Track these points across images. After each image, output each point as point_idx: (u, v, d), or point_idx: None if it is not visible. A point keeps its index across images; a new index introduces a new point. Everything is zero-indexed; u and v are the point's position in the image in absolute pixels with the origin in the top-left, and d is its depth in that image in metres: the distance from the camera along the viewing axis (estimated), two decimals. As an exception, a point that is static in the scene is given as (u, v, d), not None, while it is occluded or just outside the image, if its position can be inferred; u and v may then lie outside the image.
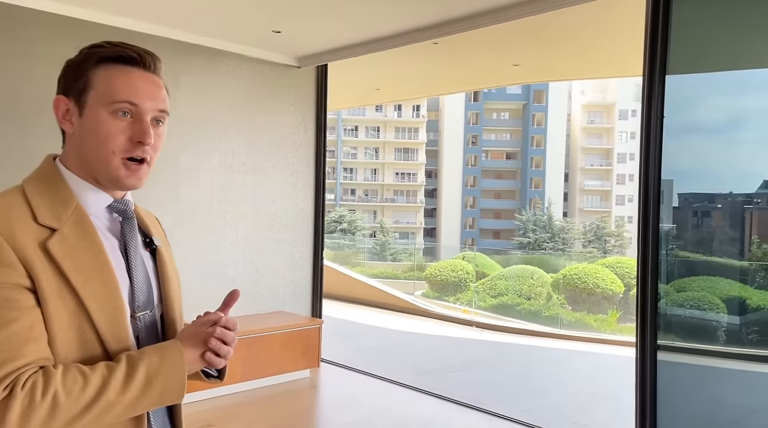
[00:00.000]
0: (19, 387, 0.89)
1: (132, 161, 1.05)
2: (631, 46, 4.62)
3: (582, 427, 4.20)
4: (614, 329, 11.93)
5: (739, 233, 3.94)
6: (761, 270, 3.83)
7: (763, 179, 3.83)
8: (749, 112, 3.68)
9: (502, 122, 54.15)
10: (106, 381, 0.94)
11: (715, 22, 3.55)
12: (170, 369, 0.99)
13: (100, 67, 1.05)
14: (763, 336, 3.81)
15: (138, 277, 1.08)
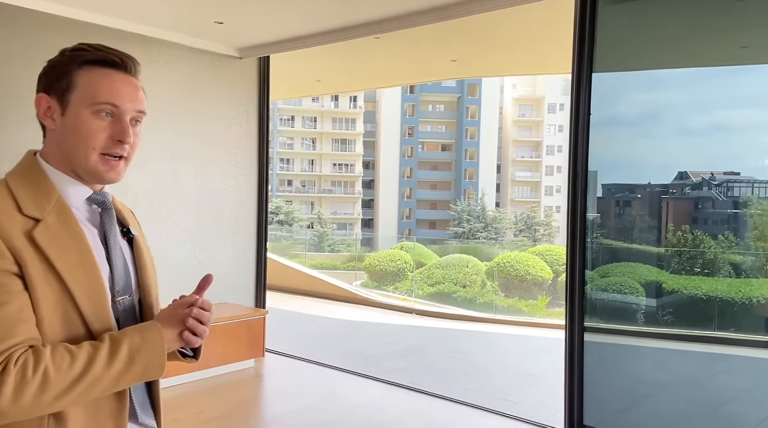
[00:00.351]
0: (12, 363, 0.96)
1: (111, 157, 1.13)
2: (560, 46, 4.91)
3: (516, 404, 4.48)
4: (544, 313, 12.54)
5: (656, 222, 4.20)
6: (676, 256, 4.11)
7: (678, 171, 4.08)
8: (666, 108, 3.95)
9: (437, 114, 55.02)
10: (91, 358, 1.01)
11: (636, 26, 3.84)
12: (151, 347, 1.07)
13: (83, 69, 1.12)
14: (676, 317, 4.14)
15: (117, 264, 1.16)
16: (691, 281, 4.04)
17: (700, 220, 4.24)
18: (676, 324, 4.13)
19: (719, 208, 4.10)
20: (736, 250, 3.94)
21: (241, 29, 4.91)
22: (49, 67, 1.15)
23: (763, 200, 3.86)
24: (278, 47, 5.34)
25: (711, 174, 4.06)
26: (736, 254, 3.95)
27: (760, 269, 3.90)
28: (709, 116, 3.89)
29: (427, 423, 4.03)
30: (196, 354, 1.26)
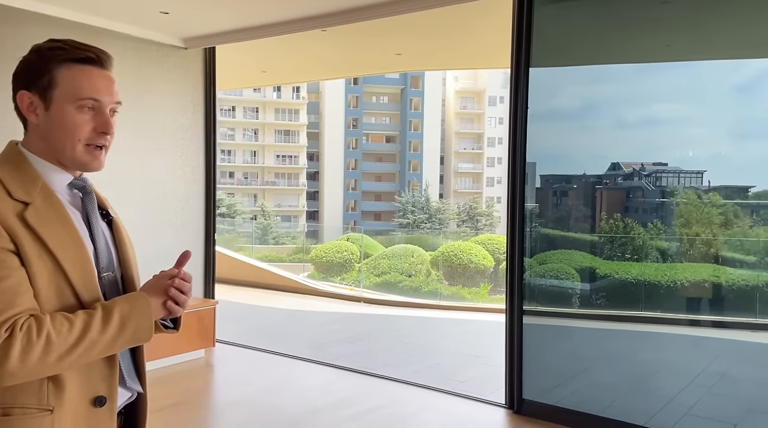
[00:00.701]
0: (17, 329, 1.06)
1: (95, 148, 1.23)
2: (500, 41, 5.13)
3: (461, 383, 4.72)
4: (486, 300, 12.97)
5: (591, 211, 4.37)
6: (608, 243, 4.27)
7: (611, 162, 4.25)
8: (599, 102, 4.18)
9: (381, 105, 55.17)
10: (87, 324, 1.11)
11: (571, 25, 4.08)
12: (140, 313, 1.18)
13: (62, 66, 1.20)
14: (608, 299, 4.31)
15: (100, 243, 1.26)
16: (622, 266, 4.23)
17: (631, 209, 4.39)
18: (608, 305, 4.35)
19: (648, 197, 4.25)
20: (663, 237, 4.14)
21: (187, 20, 4.89)
22: (27, 65, 1.22)
23: (688, 189, 4.03)
24: (224, 38, 5.34)
25: (641, 165, 4.20)
26: (663, 240, 4.15)
27: (684, 254, 4.08)
28: (639, 110, 4.08)
29: (377, 402, 4.20)
30: (176, 325, 1.37)
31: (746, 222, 3.88)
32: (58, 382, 1.14)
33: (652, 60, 3.99)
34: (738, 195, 3.88)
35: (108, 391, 1.21)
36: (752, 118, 3.67)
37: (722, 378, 3.75)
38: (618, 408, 3.75)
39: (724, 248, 3.93)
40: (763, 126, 3.59)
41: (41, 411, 1.13)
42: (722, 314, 3.94)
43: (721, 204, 3.88)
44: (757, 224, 3.84)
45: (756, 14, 3.45)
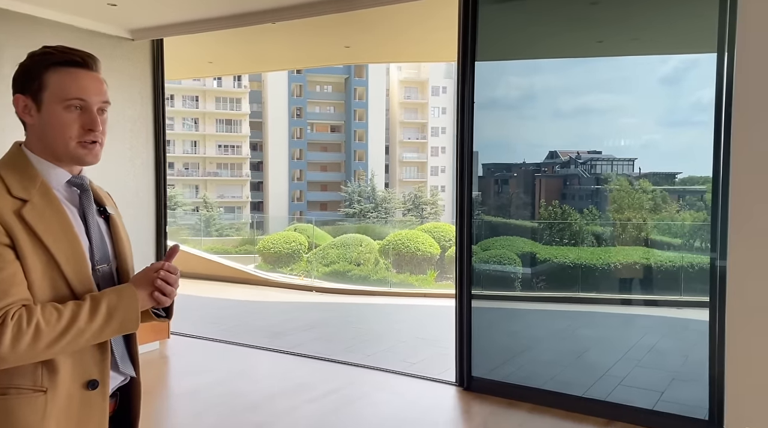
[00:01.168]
0: (9, 318, 1.14)
1: (87, 143, 1.32)
2: (447, 35, 5.31)
3: (413, 364, 4.94)
4: (433, 286, 13.31)
5: (530, 198, 4.54)
6: (547, 229, 4.46)
7: (549, 150, 4.44)
8: (537, 93, 4.35)
9: (325, 95, 54.81)
10: (75, 314, 1.20)
11: (512, 21, 4.29)
12: (127, 304, 1.26)
13: (50, 70, 1.29)
14: (548, 282, 4.56)
15: (95, 237, 1.35)
16: (560, 251, 4.43)
17: (568, 195, 4.54)
18: (548, 288, 4.58)
19: (584, 184, 4.39)
20: (597, 222, 4.34)
21: (135, 12, 4.85)
22: (21, 70, 1.32)
23: (621, 176, 4.21)
24: (173, 30, 5.31)
25: (577, 153, 4.35)
26: (597, 225, 4.36)
27: (617, 238, 4.27)
28: (574, 101, 4.27)
29: (334, 385, 4.36)
30: (168, 313, 1.47)
31: (673, 207, 4.12)
32: (52, 366, 1.22)
33: (586, 55, 4.25)
34: (666, 181, 4.10)
35: (100, 375, 1.29)
36: (678, 108, 3.91)
37: (650, 351, 4.05)
38: (558, 381, 4.04)
39: (653, 231, 4.20)
40: (687, 116, 3.84)
41: (35, 392, 1.21)
42: (651, 293, 4.20)
43: (650, 190, 4.09)
44: (683, 208, 4.10)
45: (677, 14, 3.76)
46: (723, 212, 3.34)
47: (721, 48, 3.28)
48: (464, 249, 4.23)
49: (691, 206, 4.07)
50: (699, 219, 4.02)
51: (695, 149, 3.83)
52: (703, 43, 3.60)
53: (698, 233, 4.04)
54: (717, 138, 3.30)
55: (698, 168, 3.87)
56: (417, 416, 3.86)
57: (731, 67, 3.21)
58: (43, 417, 1.22)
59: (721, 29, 3.28)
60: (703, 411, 3.48)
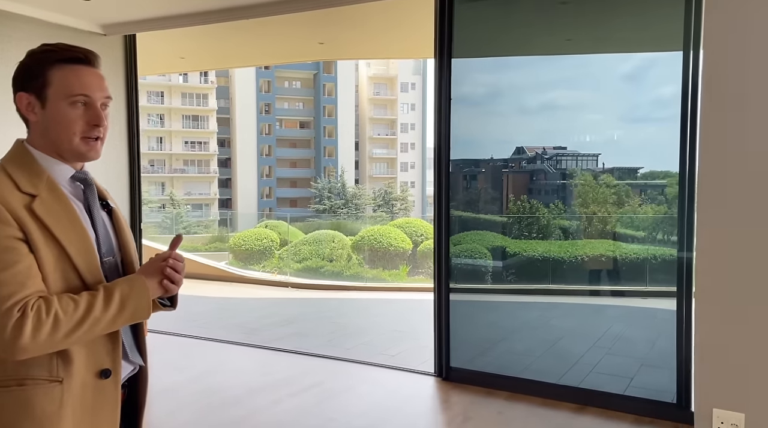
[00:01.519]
0: (29, 309, 1.17)
1: (90, 139, 1.35)
2: (422, 33, 5.37)
3: (393, 356, 5.02)
4: (406, 281, 13.44)
5: (498, 193, 4.61)
6: (516, 223, 4.54)
7: (516, 146, 4.50)
8: (504, 90, 4.42)
9: (294, 90, 54.44)
10: (91, 304, 1.24)
11: (485, 20, 4.37)
12: (138, 293, 1.31)
13: (54, 67, 1.32)
14: (519, 275, 4.65)
15: (100, 230, 1.39)
16: (529, 245, 4.52)
17: (535, 190, 4.57)
18: (519, 280, 4.66)
19: (550, 179, 4.46)
20: (564, 216, 4.43)
21: (107, 6, 4.79)
22: (23, 68, 1.34)
23: (585, 171, 4.29)
24: (145, 26, 5.25)
25: (543, 149, 4.39)
26: (564, 219, 4.44)
27: (583, 231, 4.36)
28: (541, 97, 4.35)
29: (315, 379, 4.40)
30: (173, 302, 1.52)
31: (636, 201, 4.22)
32: (66, 356, 1.26)
33: (555, 53, 4.36)
34: (628, 176, 4.21)
35: (112, 364, 1.34)
36: (639, 105, 4.02)
37: (619, 339, 4.20)
38: (534, 370, 4.17)
39: (617, 225, 4.32)
40: (648, 112, 3.95)
41: (51, 382, 1.25)
42: (618, 284, 4.34)
43: (614, 185, 4.19)
44: (645, 202, 4.20)
45: (644, 14, 3.91)
46: (689, 206, 3.50)
47: (686, 46, 3.42)
48: (442, 243, 4.32)
49: (652, 199, 4.17)
50: (660, 212, 4.14)
51: (656, 145, 3.93)
52: (668, 42, 3.75)
53: (660, 226, 4.16)
54: (683, 134, 3.46)
55: (659, 163, 3.98)
56: (399, 405, 3.94)
57: (696, 64, 3.37)
58: (60, 407, 1.26)
59: (687, 28, 3.43)
60: (670, 395, 3.64)
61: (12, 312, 1.16)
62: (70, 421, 1.28)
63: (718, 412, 2.81)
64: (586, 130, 4.24)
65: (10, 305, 1.17)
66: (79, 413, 1.29)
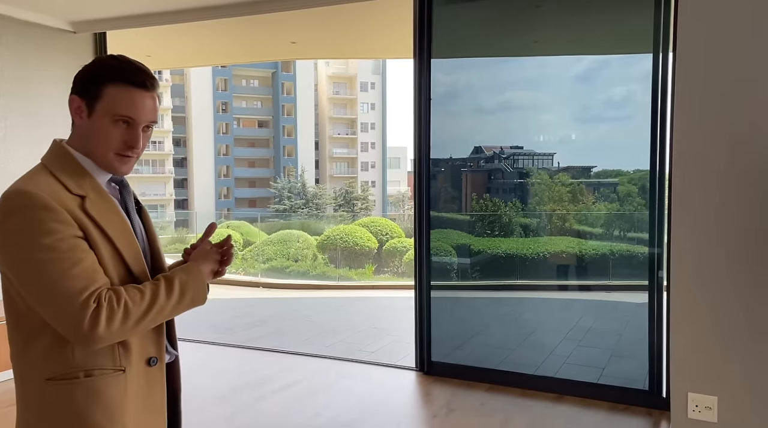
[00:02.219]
0: (103, 299, 1.23)
1: (123, 156, 1.38)
2: (396, 34, 5.44)
3: (372, 353, 5.09)
4: (373, 279, 13.52)
5: (458, 192, 4.68)
6: (479, 221, 4.61)
7: (474, 145, 4.58)
8: (462, 90, 4.49)
9: (252, 89, 53.74)
10: (155, 293, 1.31)
11: (458, 22, 4.47)
12: (195, 280, 1.39)
13: (112, 84, 1.33)
14: (487, 272, 4.75)
15: (137, 227, 1.44)
16: (493, 242, 4.59)
17: (494, 189, 4.64)
18: (488, 277, 4.77)
19: (508, 178, 4.54)
20: (523, 214, 4.52)
21: (78, 3, 4.69)
22: (85, 73, 1.36)
23: (541, 170, 4.35)
24: (116, 24, 5.16)
25: (501, 148, 4.48)
26: (524, 217, 4.54)
27: (543, 229, 4.47)
28: (499, 98, 4.45)
29: (297, 376, 4.43)
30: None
31: (590, 199, 4.34)
32: (126, 346, 1.33)
33: (522, 54, 4.47)
34: (582, 175, 4.32)
35: (158, 352, 1.42)
36: (592, 105, 4.15)
37: (588, 331, 4.36)
38: (510, 362, 4.30)
39: (575, 222, 4.44)
40: (600, 112, 4.09)
41: (116, 371, 1.32)
42: (582, 279, 4.48)
43: (569, 183, 4.31)
44: (599, 200, 4.33)
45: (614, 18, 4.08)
46: (659, 203, 3.70)
47: (656, 48, 3.61)
48: (423, 241, 4.41)
49: (605, 197, 4.30)
50: (613, 209, 4.28)
51: (608, 144, 4.09)
52: (638, 45, 3.92)
53: (616, 222, 4.30)
54: (653, 133, 3.64)
55: (610, 162, 4.15)
56: (384, 399, 4.01)
57: (666, 66, 3.56)
58: (125, 394, 1.33)
59: (656, 31, 3.61)
60: (641, 382, 3.83)
61: (88, 303, 1.21)
62: (132, 407, 1.35)
63: (692, 395, 2.99)
64: (541, 130, 4.35)
65: (86, 296, 1.22)
66: (139, 399, 1.36)
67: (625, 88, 3.98)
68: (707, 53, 2.87)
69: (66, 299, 1.20)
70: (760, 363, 2.86)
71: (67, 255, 1.22)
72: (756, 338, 2.86)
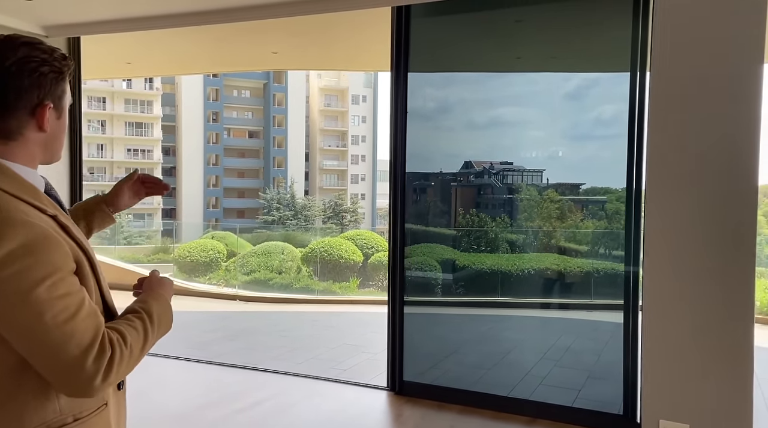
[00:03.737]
0: (114, 343, 1.12)
1: None
2: (377, 46, 5.39)
3: (344, 371, 4.96)
4: (357, 293, 13.35)
5: (447, 207, 4.64)
6: (465, 236, 4.57)
7: (464, 160, 4.54)
8: (453, 105, 4.47)
9: (243, 99, 53.76)
10: (145, 328, 1.22)
11: (438, 36, 4.45)
12: (166, 309, 1.33)
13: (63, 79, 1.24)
14: (469, 288, 4.67)
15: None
16: (478, 258, 4.53)
17: (483, 204, 4.60)
18: (469, 293, 4.70)
19: (497, 194, 4.49)
20: (510, 230, 4.50)
21: (51, 7, 4.58)
22: (46, 78, 1.18)
23: (530, 186, 4.30)
24: (90, 29, 5.05)
25: (490, 164, 4.45)
26: (511, 233, 4.52)
27: (529, 245, 4.43)
28: (489, 113, 4.43)
29: (265, 394, 4.29)
30: None
31: (578, 216, 4.32)
32: None
33: (505, 70, 4.45)
34: (571, 192, 4.30)
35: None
36: (581, 123, 4.14)
37: (567, 351, 4.28)
38: (485, 383, 4.20)
39: (561, 239, 4.43)
40: (589, 130, 4.07)
41: (102, 407, 1.24)
42: (564, 297, 4.41)
43: (557, 200, 4.27)
44: (587, 217, 4.30)
45: (593, 35, 4.05)
46: (636, 221, 3.62)
47: (633, 68, 3.56)
48: (397, 256, 4.31)
49: (593, 215, 4.28)
50: (601, 227, 4.25)
51: (596, 162, 4.06)
52: (615, 64, 3.89)
53: (602, 240, 4.26)
54: (630, 151, 3.58)
55: (600, 179, 4.12)
56: (351, 420, 3.88)
57: (643, 85, 3.50)
58: (109, 424, 1.27)
59: (634, 51, 3.57)
60: (617, 407, 3.73)
61: (104, 352, 1.09)
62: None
63: (664, 423, 2.90)
64: (530, 146, 4.33)
65: (98, 346, 1.09)
66: (115, 426, 1.31)
67: (614, 107, 3.95)
68: (680, 72, 2.82)
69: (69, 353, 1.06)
70: (733, 392, 2.77)
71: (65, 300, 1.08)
72: (730, 364, 2.77)
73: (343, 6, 4.12)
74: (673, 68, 2.85)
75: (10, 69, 1.14)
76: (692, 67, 2.81)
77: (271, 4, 4.34)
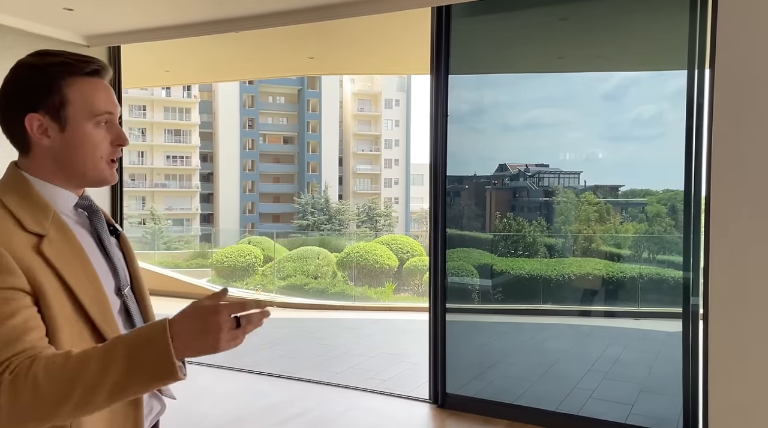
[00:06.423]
0: (7, 373, 0.95)
1: (114, 162, 1.19)
2: (415, 49, 5.30)
3: (384, 381, 4.84)
4: (392, 299, 13.26)
5: (483, 210, 4.55)
6: (502, 240, 4.47)
7: (498, 163, 4.48)
8: (488, 107, 4.38)
9: (278, 106, 54.39)
10: (83, 361, 0.96)
11: (479, 37, 4.32)
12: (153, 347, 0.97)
13: (69, 82, 1.13)
14: (508, 294, 4.56)
15: (115, 259, 1.21)
16: (516, 263, 4.42)
17: (518, 208, 4.52)
18: (508, 300, 4.56)
19: (533, 196, 4.43)
20: (548, 234, 4.37)
21: (92, 17, 4.62)
22: (27, 84, 1.13)
23: (567, 189, 4.22)
24: (130, 37, 5.09)
25: (526, 166, 4.38)
26: (549, 237, 4.39)
27: (568, 249, 4.31)
28: (525, 115, 4.33)
29: (304, 406, 4.21)
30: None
31: (617, 219, 4.18)
32: (79, 425, 1.05)
33: (545, 70, 4.30)
34: (610, 194, 4.18)
35: (134, 425, 1.16)
36: (619, 123, 4.00)
37: (616, 362, 4.09)
38: (531, 396, 4.02)
39: (601, 243, 4.26)
40: (628, 131, 3.93)
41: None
42: (609, 304, 4.23)
43: (595, 202, 4.16)
44: (627, 220, 4.17)
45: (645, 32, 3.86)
46: (695, 225, 3.41)
47: (691, 65, 3.36)
48: (438, 263, 4.19)
49: (633, 217, 4.15)
50: (641, 230, 4.11)
51: (636, 163, 3.93)
52: (670, 61, 3.69)
53: (644, 244, 4.12)
54: (688, 153, 3.38)
55: (639, 181, 4.01)
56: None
57: (702, 83, 3.30)
58: None
59: (692, 47, 3.36)
60: (674, 423, 3.52)
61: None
62: None
63: (734, 446, 2.69)
64: (567, 148, 4.22)
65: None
66: None
67: (655, 107, 3.81)
68: (747, 69, 2.62)
69: None
70: (812, 413, 2.55)
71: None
72: (807, 383, 2.55)
73: (383, 8, 4.02)
74: (740, 64, 2.65)
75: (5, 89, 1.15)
76: (762, 63, 2.60)
77: (307, 8, 4.28)
